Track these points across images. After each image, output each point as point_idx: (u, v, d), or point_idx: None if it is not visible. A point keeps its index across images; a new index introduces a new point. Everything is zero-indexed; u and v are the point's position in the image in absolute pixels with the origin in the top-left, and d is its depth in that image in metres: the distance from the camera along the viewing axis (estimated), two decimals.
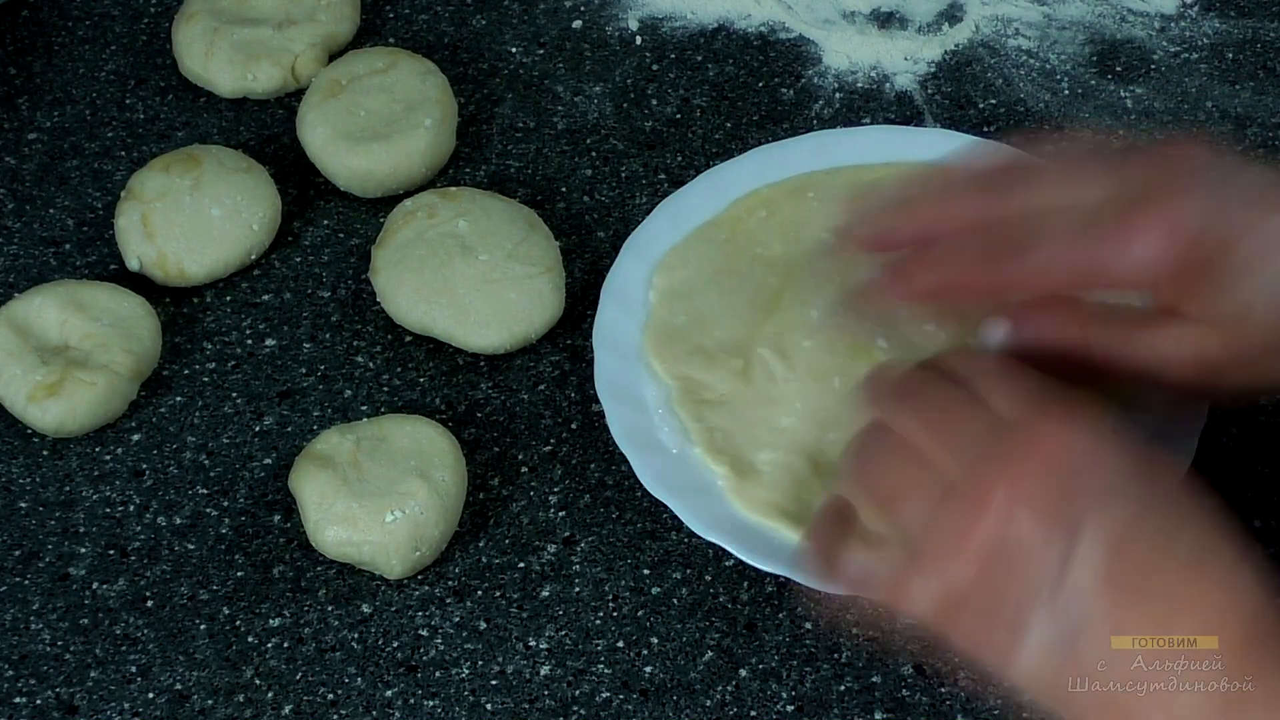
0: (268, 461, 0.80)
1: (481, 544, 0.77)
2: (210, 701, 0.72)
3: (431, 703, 0.72)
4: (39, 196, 0.91)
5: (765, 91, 0.95)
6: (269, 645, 0.74)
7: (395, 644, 0.74)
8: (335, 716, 0.72)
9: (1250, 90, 0.94)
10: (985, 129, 0.92)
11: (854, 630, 0.73)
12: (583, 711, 0.72)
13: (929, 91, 0.94)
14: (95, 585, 0.76)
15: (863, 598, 0.67)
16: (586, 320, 0.84)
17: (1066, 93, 0.94)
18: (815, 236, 0.82)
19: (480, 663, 0.73)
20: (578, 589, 0.75)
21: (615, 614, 0.74)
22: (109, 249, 0.88)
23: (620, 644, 0.74)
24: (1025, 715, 0.71)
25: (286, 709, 0.72)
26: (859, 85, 0.95)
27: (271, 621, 0.75)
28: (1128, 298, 0.70)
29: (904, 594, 0.60)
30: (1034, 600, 0.56)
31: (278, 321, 0.86)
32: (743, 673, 0.72)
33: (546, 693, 0.72)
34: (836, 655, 0.73)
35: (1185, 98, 0.94)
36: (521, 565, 0.76)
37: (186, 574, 0.77)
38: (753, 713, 0.71)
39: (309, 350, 0.84)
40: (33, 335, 0.82)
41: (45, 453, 0.81)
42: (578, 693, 0.72)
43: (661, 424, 0.77)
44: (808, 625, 0.73)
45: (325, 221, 0.90)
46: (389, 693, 0.73)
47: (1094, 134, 0.91)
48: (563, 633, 0.74)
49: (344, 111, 0.90)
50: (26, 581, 0.77)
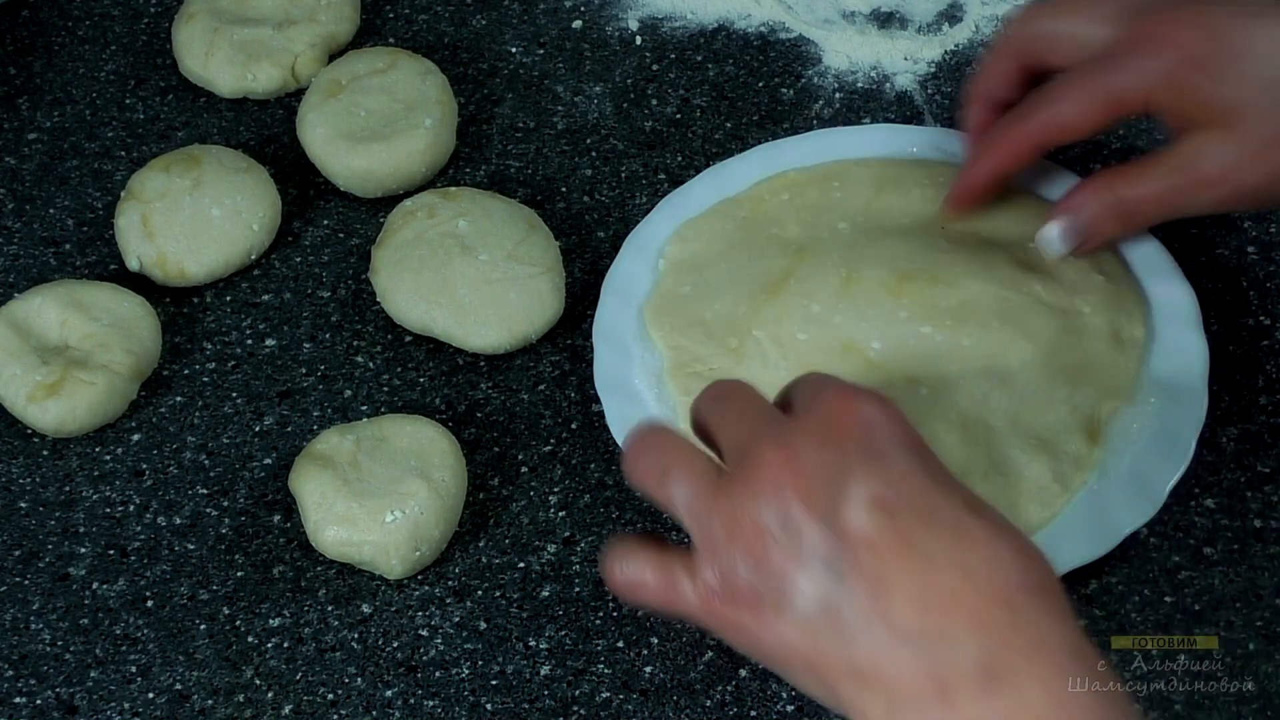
0: (268, 461, 0.80)
1: (481, 544, 0.77)
2: (210, 701, 0.72)
3: (431, 703, 0.72)
4: (39, 196, 0.91)
5: (765, 91, 0.95)
6: (269, 645, 0.74)
7: (395, 644, 0.74)
8: (335, 716, 0.72)
9: None
10: None
11: None
12: (583, 711, 0.72)
13: (929, 91, 0.94)
14: (95, 585, 0.76)
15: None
16: (586, 320, 0.84)
17: None
18: (832, 225, 0.82)
19: (480, 663, 0.73)
20: (578, 589, 0.75)
21: (615, 614, 0.75)
22: (109, 249, 0.88)
23: (620, 644, 0.74)
24: None
25: (286, 709, 0.72)
26: (859, 85, 0.95)
27: (271, 621, 0.75)
28: None
29: (668, 590, 0.59)
30: (797, 565, 0.55)
31: (278, 321, 0.86)
32: (743, 673, 0.72)
33: (546, 693, 0.72)
34: None
35: None
36: (521, 565, 0.76)
37: (186, 574, 0.77)
38: (753, 713, 0.71)
39: (309, 350, 0.84)
40: (33, 335, 0.82)
41: (45, 453, 0.81)
42: (578, 693, 0.72)
43: (659, 418, 0.77)
44: None
45: (325, 221, 0.90)
46: (389, 693, 0.73)
47: None
48: (563, 633, 0.74)
49: (344, 111, 0.90)
50: (26, 581, 0.77)
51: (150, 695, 0.73)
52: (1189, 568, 0.75)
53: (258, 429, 0.82)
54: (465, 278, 0.83)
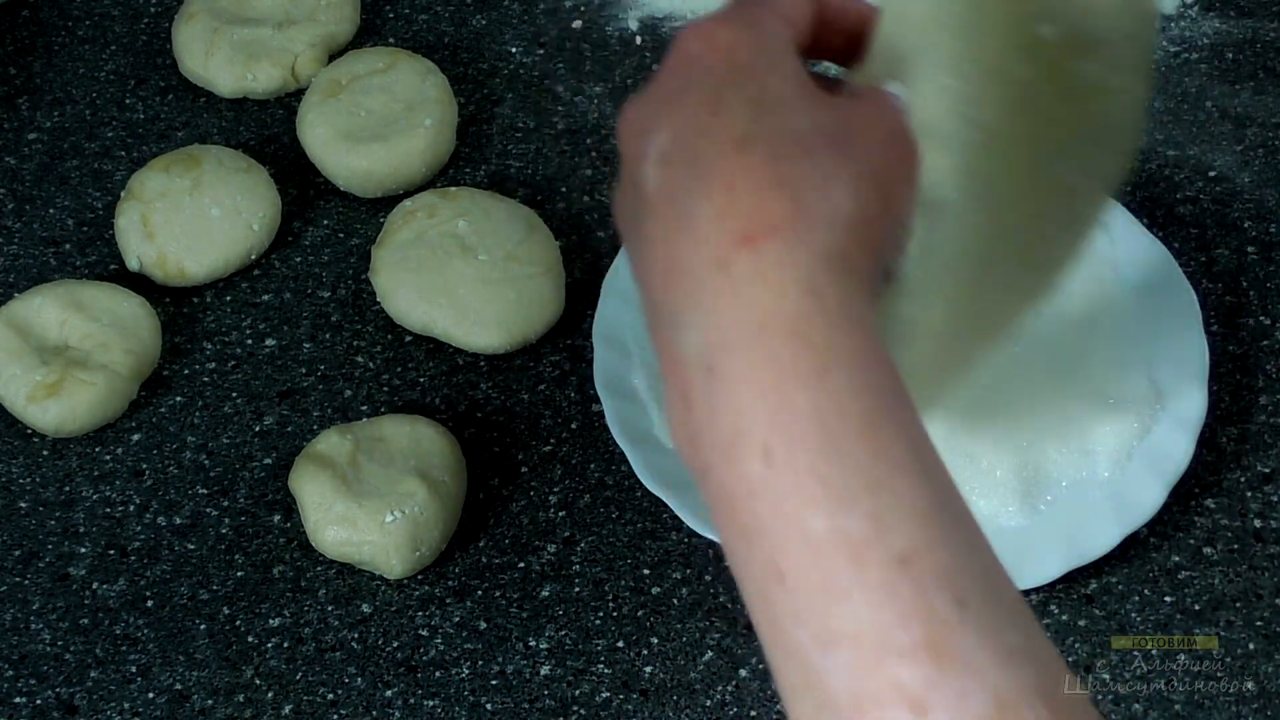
0: (268, 461, 0.80)
1: (481, 544, 0.77)
2: (210, 701, 0.72)
3: (431, 703, 0.72)
4: (39, 196, 0.91)
5: None
6: (269, 645, 0.74)
7: (395, 644, 0.74)
8: (335, 716, 0.72)
9: (1250, 90, 0.94)
10: None
11: None
12: (583, 711, 0.72)
13: None
14: (95, 585, 0.76)
15: None
16: (586, 320, 0.84)
17: None
18: None
19: (480, 663, 0.73)
20: (578, 589, 0.75)
21: (615, 614, 0.74)
22: (109, 249, 0.88)
23: (620, 644, 0.74)
24: None
25: (286, 709, 0.72)
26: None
27: (271, 621, 0.75)
28: None
29: (615, 208, 0.53)
30: (630, 225, 0.50)
31: (278, 321, 0.86)
32: (743, 673, 0.72)
33: (546, 693, 0.72)
34: None
35: (1185, 98, 0.94)
36: (521, 565, 0.76)
37: (186, 574, 0.77)
38: (753, 713, 0.71)
39: (309, 350, 0.84)
40: (33, 335, 0.82)
41: (45, 453, 0.81)
42: (578, 693, 0.72)
43: (658, 418, 0.77)
44: None
45: (325, 221, 0.90)
46: (389, 693, 0.73)
47: None
48: (563, 633, 0.74)
49: (344, 111, 0.90)
50: (26, 581, 0.77)
51: (150, 695, 0.73)
52: (1189, 568, 0.75)
53: (258, 429, 0.82)
54: (465, 278, 0.83)
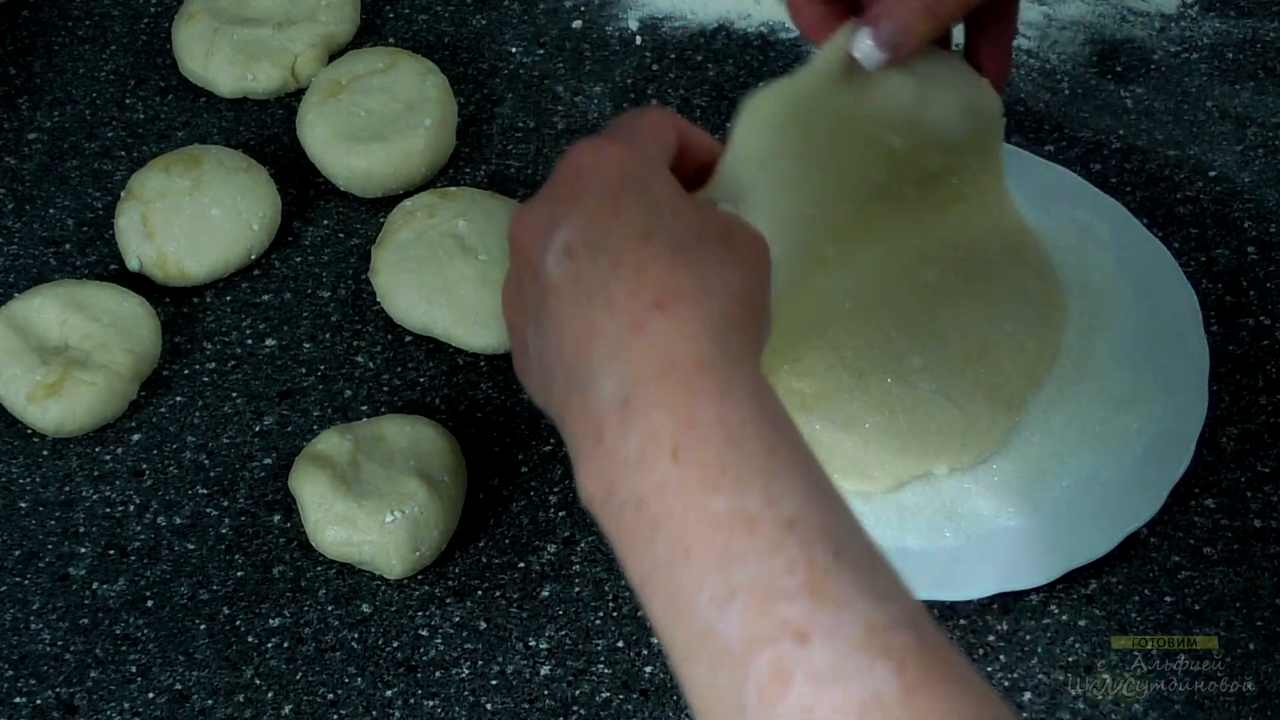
0: (268, 461, 0.80)
1: (481, 544, 0.77)
2: (210, 701, 0.72)
3: (431, 703, 0.72)
4: (39, 196, 0.91)
5: None
6: (269, 645, 0.74)
7: (395, 644, 0.74)
8: (335, 716, 0.72)
9: (1250, 90, 0.94)
10: None
11: None
12: (583, 711, 0.72)
13: None
14: (95, 585, 0.76)
15: None
16: None
17: (1066, 92, 0.94)
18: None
19: (480, 663, 0.73)
20: (578, 589, 0.75)
21: (615, 614, 0.75)
22: (109, 249, 0.88)
23: (620, 644, 0.74)
24: (1025, 716, 0.71)
25: (286, 709, 0.72)
26: None
27: (271, 621, 0.75)
28: None
29: (504, 301, 0.60)
30: (523, 318, 0.56)
31: (278, 321, 0.86)
32: None
33: (546, 693, 0.72)
34: None
35: (1185, 97, 0.94)
36: (521, 565, 0.76)
37: (186, 574, 0.77)
38: None
39: (309, 350, 0.84)
40: (33, 335, 0.82)
41: (45, 453, 0.81)
42: (578, 693, 0.72)
43: None
44: None
45: (325, 221, 0.90)
46: (389, 693, 0.73)
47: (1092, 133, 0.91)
48: (563, 633, 0.74)
49: (344, 111, 0.90)
50: (26, 581, 0.77)
51: (150, 695, 0.73)
52: (1189, 568, 0.75)
53: (258, 429, 0.82)
54: (465, 278, 0.83)
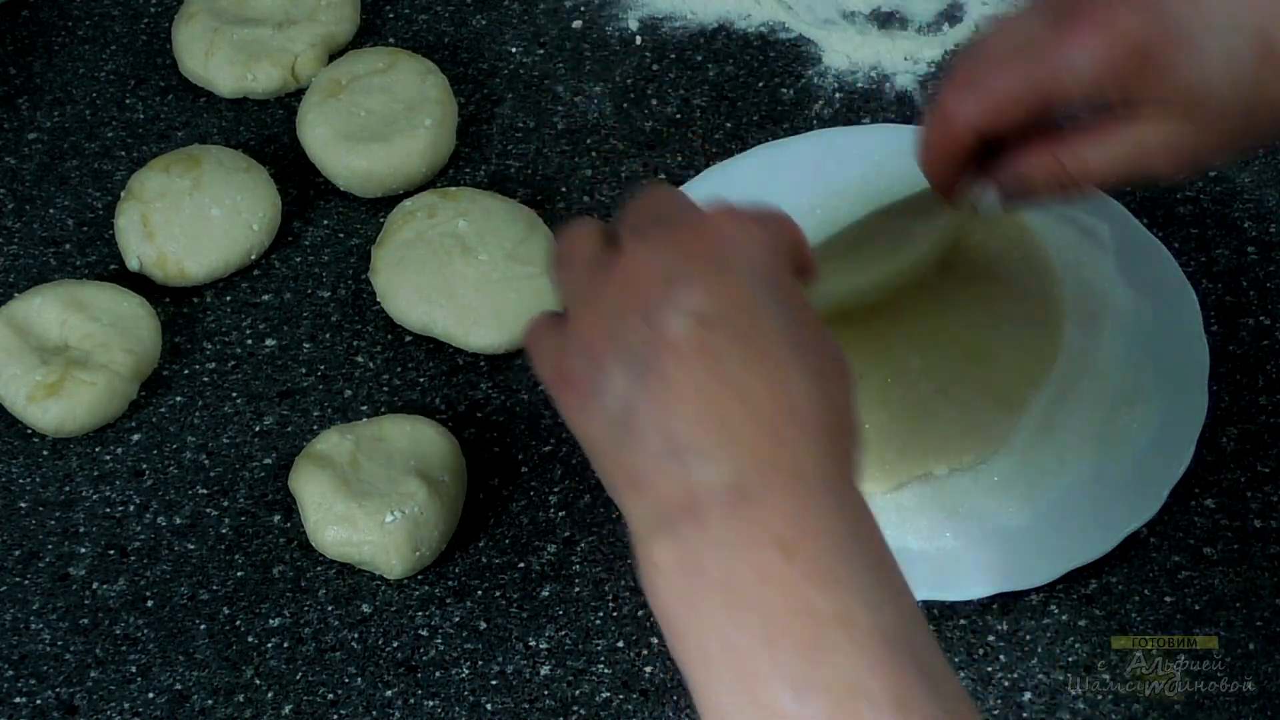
0: (268, 461, 0.80)
1: (481, 544, 0.77)
2: (210, 701, 0.72)
3: (431, 703, 0.72)
4: (39, 196, 0.91)
5: (765, 91, 0.95)
6: (269, 645, 0.74)
7: (395, 644, 0.74)
8: (335, 716, 0.72)
9: None
10: None
11: None
12: (583, 711, 0.72)
13: (929, 91, 0.94)
14: (95, 585, 0.76)
15: None
16: None
17: None
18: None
19: (480, 663, 0.73)
20: (578, 589, 0.75)
21: (615, 614, 0.75)
22: (109, 249, 0.88)
23: (620, 644, 0.74)
24: (1025, 716, 0.71)
25: (286, 709, 0.72)
26: (859, 85, 0.95)
27: (271, 621, 0.75)
28: None
29: (540, 353, 0.58)
30: (613, 356, 0.55)
31: (278, 321, 0.86)
32: None
33: (546, 693, 0.72)
34: None
35: None
36: (521, 565, 0.76)
37: (186, 574, 0.77)
38: None
39: (309, 350, 0.84)
40: (33, 335, 0.82)
41: (45, 453, 0.81)
42: (578, 693, 0.72)
43: None
44: None
45: (325, 221, 0.90)
46: (389, 693, 0.73)
47: None
48: (563, 633, 0.74)
49: (344, 111, 0.90)
50: (26, 581, 0.77)
51: (150, 695, 0.73)
52: (1189, 568, 0.75)
53: (258, 429, 0.82)
54: (465, 278, 0.83)
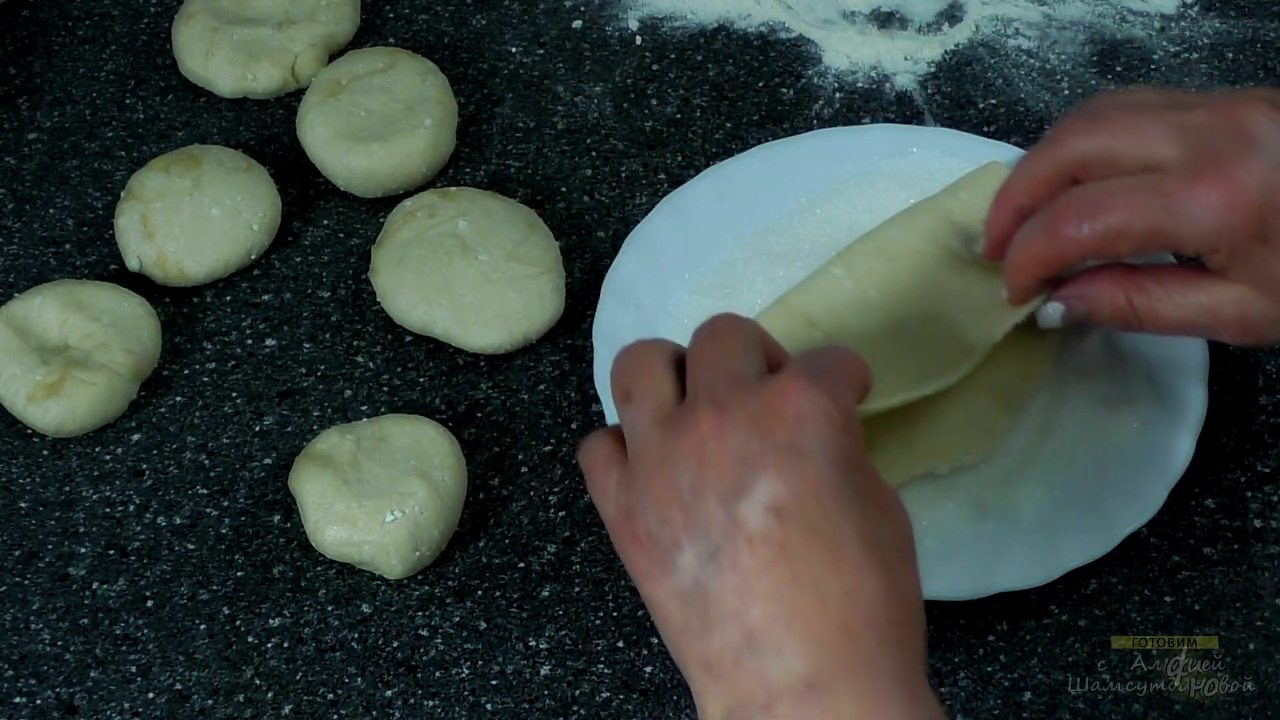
0: (268, 461, 0.80)
1: (481, 544, 0.77)
2: (210, 701, 0.72)
3: (431, 703, 0.72)
4: (39, 196, 0.91)
5: (765, 91, 0.95)
6: (269, 645, 0.74)
7: (395, 644, 0.74)
8: (335, 716, 0.72)
9: None
10: (985, 129, 0.92)
11: None
12: (583, 711, 0.72)
13: (929, 91, 0.94)
14: (95, 585, 0.76)
15: None
16: (586, 320, 0.84)
17: (1067, 93, 0.94)
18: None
19: (480, 663, 0.73)
20: (578, 589, 0.75)
21: (615, 614, 0.75)
22: (109, 249, 0.88)
23: (620, 644, 0.74)
24: (1025, 716, 0.71)
25: (286, 709, 0.72)
26: (859, 85, 0.95)
27: (271, 621, 0.75)
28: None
29: (602, 486, 0.59)
30: (689, 536, 0.56)
31: (278, 321, 0.86)
32: None
33: (546, 693, 0.72)
34: None
35: None
36: (521, 565, 0.76)
37: (186, 574, 0.77)
38: None
39: (309, 350, 0.84)
40: (33, 335, 0.82)
41: (45, 453, 0.81)
42: (578, 693, 0.72)
43: None
44: None
45: (325, 221, 0.90)
46: (389, 693, 0.73)
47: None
48: (563, 633, 0.74)
49: (344, 111, 0.90)
50: (26, 581, 0.77)
51: (150, 695, 0.73)
52: (1189, 568, 0.75)
53: (258, 429, 0.82)
54: (465, 278, 0.83)
